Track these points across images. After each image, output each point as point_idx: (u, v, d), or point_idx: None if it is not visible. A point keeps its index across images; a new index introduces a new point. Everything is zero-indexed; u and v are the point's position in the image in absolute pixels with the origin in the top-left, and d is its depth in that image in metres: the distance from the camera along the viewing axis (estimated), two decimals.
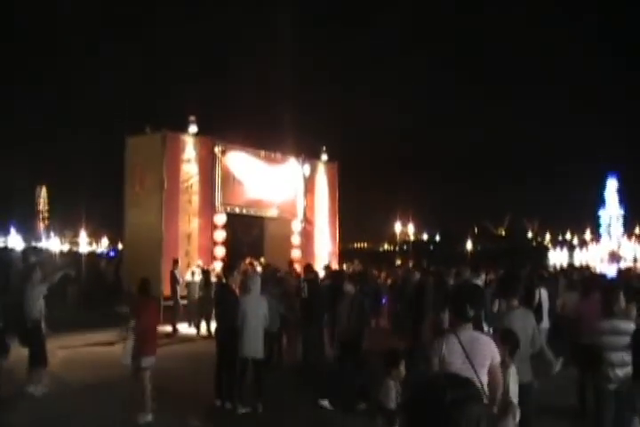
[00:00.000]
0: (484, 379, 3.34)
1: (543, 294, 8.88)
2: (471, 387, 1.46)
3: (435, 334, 6.39)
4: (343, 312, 7.00)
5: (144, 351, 6.23)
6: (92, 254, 45.53)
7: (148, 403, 6.22)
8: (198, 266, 13.83)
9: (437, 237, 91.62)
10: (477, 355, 3.38)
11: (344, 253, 24.08)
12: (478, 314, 7.31)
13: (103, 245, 62.84)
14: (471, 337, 3.47)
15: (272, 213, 17.69)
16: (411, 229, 54.64)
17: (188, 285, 13.33)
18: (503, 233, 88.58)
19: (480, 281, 8.98)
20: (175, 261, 13.32)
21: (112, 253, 43.28)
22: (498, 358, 3.46)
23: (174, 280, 12.92)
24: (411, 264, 23.39)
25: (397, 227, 48.33)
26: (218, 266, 14.80)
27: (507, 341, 4.19)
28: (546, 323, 8.65)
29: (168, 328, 12.72)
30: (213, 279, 13.08)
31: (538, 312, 8.58)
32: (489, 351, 3.43)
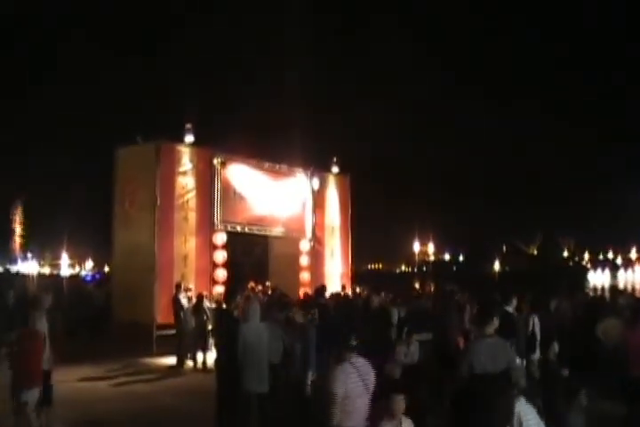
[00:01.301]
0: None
1: (535, 323, 8.90)
2: (501, 382, 1.92)
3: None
4: (293, 346, 6.81)
5: (24, 384, 6.38)
6: (75, 278, 45.74)
7: None
8: (189, 289, 13.88)
9: (461, 257, 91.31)
10: (368, 378, 4.32)
11: (357, 276, 24.06)
12: (509, 344, 7.30)
13: (87, 268, 62.98)
14: (362, 363, 4.37)
15: (277, 231, 17.77)
16: (431, 248, 54.59)
17: (184, 312, 13.38)
18: (535, 252, 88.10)
19: (511, 308, 8.95)
20: (178, 286, 13.41)
21: (97, 276, 43.44)
22: (374, 381, 4.39)
23: (179, 306, 12.98)
24: (432, 288, 23.29)
25: (416, 246, 48.31)
26: (220, 290, 14.86)
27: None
28: (537, 354, 8.72)
29: (169, 360, 12.78)
30: (208, 304, 13.19)
31: (530, 343, 8.60)
32: (373, 375, 4.39)
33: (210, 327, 12.52)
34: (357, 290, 18.18)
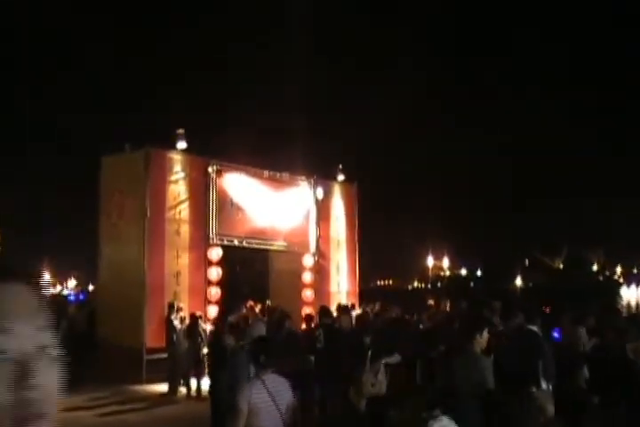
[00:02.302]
0: (286, 417, 4.70)
1: None
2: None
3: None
4: (221, 373, 6.82)
5: None
6: (56, 297, 45.73)
7: None
8: (181, 309, 13.88)
9: (479, 272, 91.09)
10: (281, 397, 4.71)
11: (365, 293, 24.05)
12: (535, 366, 7.32)
13: (70, 287, 63.10)
14: (274, 381, 4.78)
15: (278, 245, 17.82)
16: (445, 262, 54.60)
17: (177, 334, 13.40)
18: (560, 266, 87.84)
19: (536, 327, 8.97)
20: (171, 306, 13.46)
21: (82, 296, 43.46)
22: (293, 399, 4.83)
23: (171, 328, 13.02)
24: (448, 305, 23.17)
25: (429, 260, 48.37)
26: (213, 311, 14.88)
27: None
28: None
29: (161, 387, 12.77)
30: (204, 326, 13.22)
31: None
32: (289, 394, 4.83)
33: (205, 351, 12.54)
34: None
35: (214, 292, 15.45)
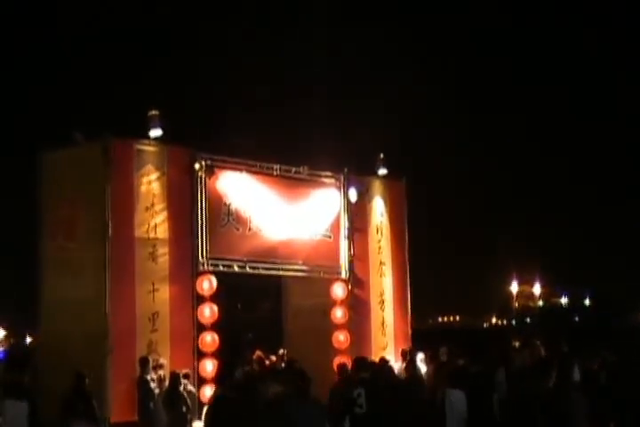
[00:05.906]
0: None
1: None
2: None
3: None
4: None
5: None
6: None
7: None
8: (161, 366, 13.90)
9: (587, 301, 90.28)
10: None
11: (420, 335, 23.86)
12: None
13: None
14: None
15: (296, 269, 17.78)
16: (537, 288, 54.10)
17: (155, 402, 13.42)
18: None
19: None
20: (144, 361, 13.49)
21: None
22: None
23: (145, 394, 13.04)
24: (542, 349, 22.93)
25: (514, 286, 48.00)
26: (208, 366, 14.82)
27: None
28: None
29: None
30: (191, 388, 13.18)
31: None
32: None
33: (195, 425, 12.54)
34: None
35: (208, 339, 15.37)
